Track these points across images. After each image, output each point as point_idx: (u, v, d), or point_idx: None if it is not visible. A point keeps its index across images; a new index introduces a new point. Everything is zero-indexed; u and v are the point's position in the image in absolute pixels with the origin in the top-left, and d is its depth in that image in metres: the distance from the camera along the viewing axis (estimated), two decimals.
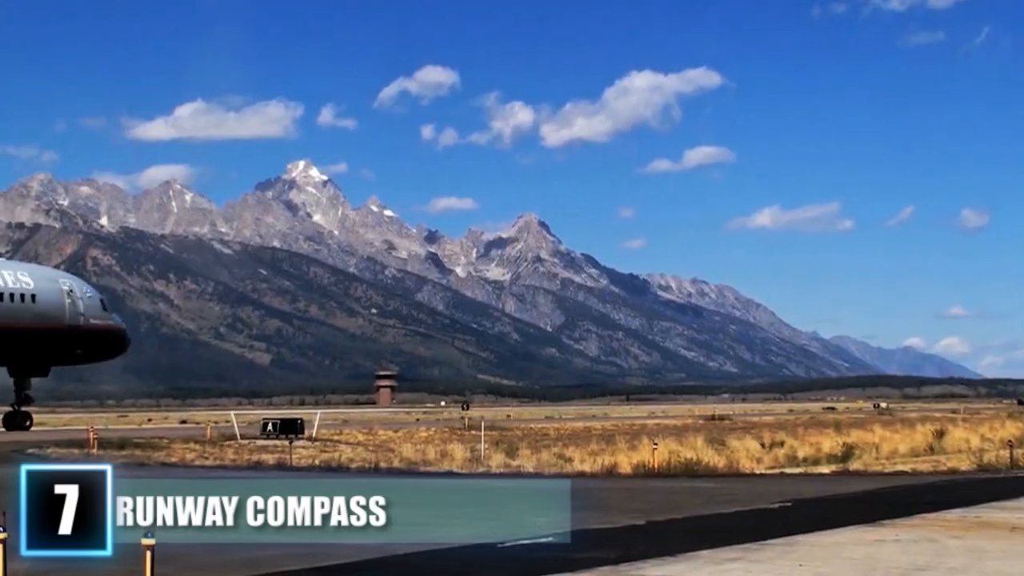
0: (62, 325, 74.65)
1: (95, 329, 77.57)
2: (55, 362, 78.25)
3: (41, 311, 73.33)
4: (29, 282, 74.18)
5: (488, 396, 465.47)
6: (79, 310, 75.83)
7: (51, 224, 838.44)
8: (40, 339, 73.83)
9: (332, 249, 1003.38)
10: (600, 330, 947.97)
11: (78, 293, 76.82)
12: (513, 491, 35.34)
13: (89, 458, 48.74)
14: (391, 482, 38.75)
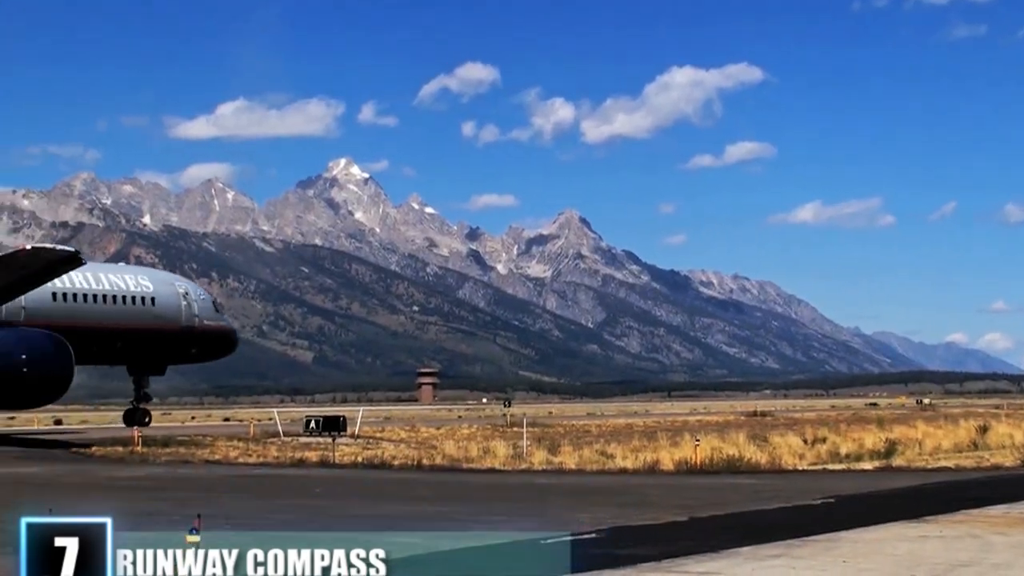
0: (178, 326, 78.07)
1: (208, 330, 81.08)
2: (171, 361, 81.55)
3: (159, 313, 76.73)
4: (148, 285, 77.74)
5: (530, 393, 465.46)
6: (194, 312, 79.28)
7: (94, 223, 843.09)
8: (158, 339, 77.24)
9: (373, 247, 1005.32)
10: (641, 326, 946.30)
11: (193, 296, 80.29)
12: (556, 488, 35.46)
13: (134, 456, 49.07)
14: (432, 478, 38.89)
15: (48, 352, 63.11)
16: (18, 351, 62.08)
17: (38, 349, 62.90)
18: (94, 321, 71.56)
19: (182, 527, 19.12)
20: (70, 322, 68.24)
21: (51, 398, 67.21)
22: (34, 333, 64.26)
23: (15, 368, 61.54)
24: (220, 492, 34.32)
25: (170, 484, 37.04)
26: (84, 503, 29.64)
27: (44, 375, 63.07)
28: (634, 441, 54.92)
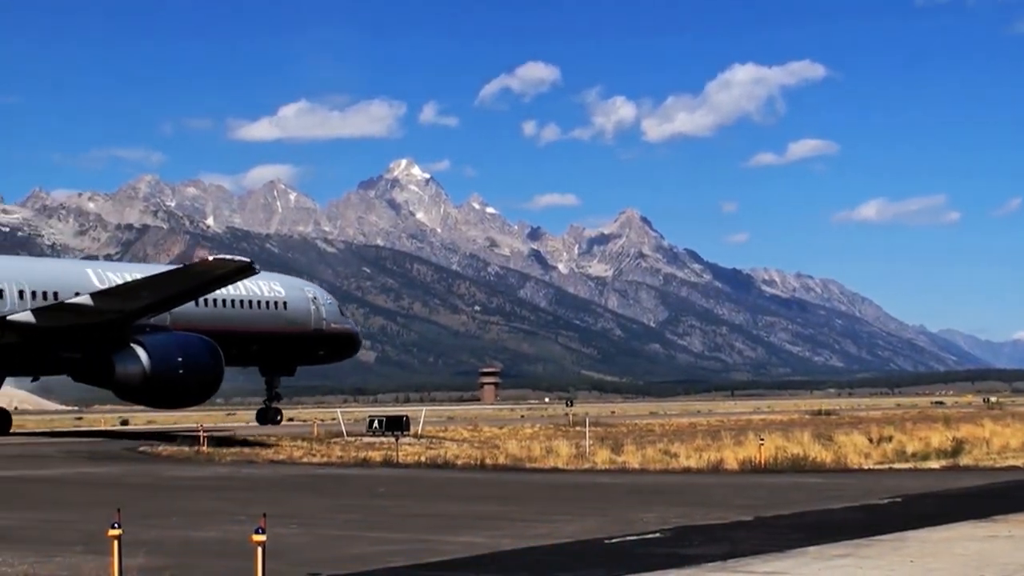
0: (308, 329, 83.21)
1: (335, 332, 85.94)
2: (301, 362, 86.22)
3: (291, 317, 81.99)
4: (281, 291, 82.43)
5: (592, 392, 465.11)
6: (322, 315, 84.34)
7: (159, 225, 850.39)
8: (290, 342, 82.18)
9: (435, 247, 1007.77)
10: (704, 325, 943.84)
11: (320, 300, 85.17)
12: (619, 487, 35.37)
13: (200, 456, 49.39)
14: (495, 477, 38.91)
15: (202, 355, 68.12)
16: (176, 354, 66.95)
17: (193, 352, 67.77)
18: (233, 325, 76.14)
19: (248, 526, 19.23)
20: (211, 326, 72.76)
21: (204, 398, 73.55)
22: (190, 337, 68.85)
23: (173, 370, 66.52)
24: (285, 492, 34.46)
25: (235, 484, 37.24)
26: (151, 503, 29.87)
27: (199, 376, 68.26)
28: (698, 440, 54.70)
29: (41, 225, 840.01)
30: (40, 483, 37.63)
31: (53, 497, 32.89)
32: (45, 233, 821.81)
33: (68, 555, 20.14)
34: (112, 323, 66.36)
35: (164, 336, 68.47)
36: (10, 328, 66.42)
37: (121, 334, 67.06)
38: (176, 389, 68.27)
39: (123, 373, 66.46)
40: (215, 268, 64.07)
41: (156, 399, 70.83)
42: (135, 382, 66.77)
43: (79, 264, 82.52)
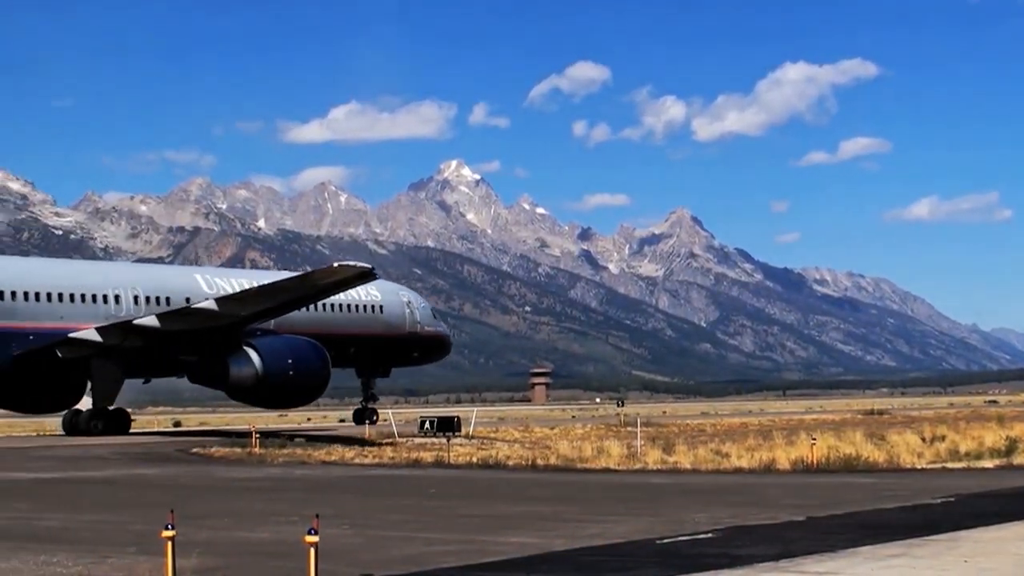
0: (403, 332, 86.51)
1: (428, 335, 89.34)
2: (396, 364, 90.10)
3: (387, 320, 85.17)
4: (377, 295, 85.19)
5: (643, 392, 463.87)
6: (416, 319, 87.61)
7: (210, 227, 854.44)
8: (386, 344, 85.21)
9: (485, 247, 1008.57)
10: (755, 325, 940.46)
11: (415, 304, 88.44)
12: (671, 487, 35.31)
13: (252, 457, 49.61)
14: (546, 478, 38.91)
15: (311, 358, 71.70)
16: (286, 357, 70.53)
17: (303, 355, 71.34)
18: (333, 328, 78.68)
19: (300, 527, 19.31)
20: (313, 329, 75.50)
21: (312, 398, 77.50)
22: (299, 341, 72.30)
23: (284, 372, 70.10)
24: (337, 492, 34.58)
25: (287, 485, 37.39)
26: (204, 504, 30.03)
27: (308, 378, 71.91)
28: (749, 440, 54.53)
29: (94, 228, 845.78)
30: (94, 484, 37.89)
31: (107, 498, 33.12)
32: (98, 236, 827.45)
33: (122, 556, 20.28)
34: (229, 327, 69.71)
35: (275, 339, 72.21)
36: (136, 332, 69.03)
37: (235, 338, 70.50)
38: (287, 390, 72.19)
39: (237, 375, 70.05)
40: (338, 274, 68.47)
41: (267, 400, 75.11)
42: (248, 384, 70.51)
43: (188, 270, 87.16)
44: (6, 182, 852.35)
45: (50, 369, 70.28)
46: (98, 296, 72.37)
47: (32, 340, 68.67)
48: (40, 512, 28.59)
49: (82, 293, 71.98)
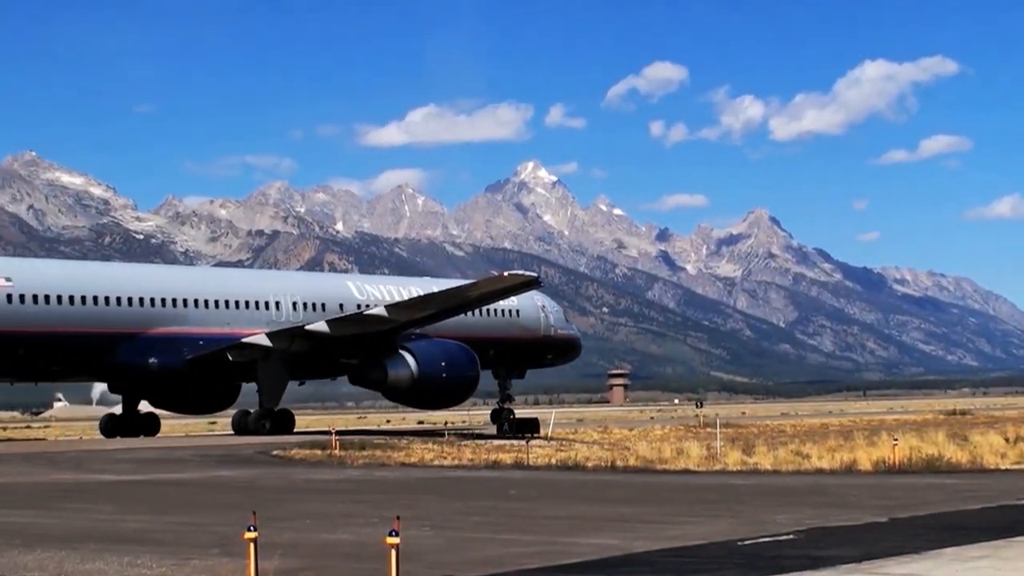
0: (538, 335, 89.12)
1: (561, 338, 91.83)
2: (531, 366, 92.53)
3: (523, 324, 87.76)
4: (514, 300, 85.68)
5: (721, 393, 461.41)
6: (550, 322, 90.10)
7: (289, 230, 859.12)
8: (522, 347, 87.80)
9: (562, 249, 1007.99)
10: (834, 325, 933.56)
11: (549, 308, 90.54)
12: (751, 488, 35.12)
13: (332, 459, 49.83)
14: (626, 479, 38.83)
15: (463, 361, 75.29)
16: (440, 360, 74.08)
17: (455, 358, 74.98)
18: (473, 332, 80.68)
19: (381, 529, 19.37)
20: (456, 333, 78.30)
21: (463, 400, 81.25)
22: (451, 344, 75.90)
23: (438, 374, 73.75)
24: (417, 494, 34.68)
25: (367, 487, 37.54)
26: (285, 505, 30.22)
27: (460, 380, 75.74)
28: (830, 441, 54.21)
29: (174, 232, 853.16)
30: (176, 486, 38.22)
31: (189, 500, 33.40)
32: (178, 240, 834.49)
33: (205, 558, 20.44)
34: (388, 331, 73.64)
35: (429, 343, 75.46)
36: (305, 336, 72.82)
37: (391, 342, 74.12)
38: (440, 392, 75.93)
39: (394, 378, 73.40)
40: (505, 282, 73.50)
41: (422, 401, 78.83)
42: (404, 386, 73.87)
43: (341, 278, 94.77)
44: (88, 187, 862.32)
45: (219, 372, 74.06)
46: (260, 303, 76.77)
47: (202, 344, 72.57)
48: (124, 514, 28.88)
49: (246, 300, 76.37)
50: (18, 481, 40.09)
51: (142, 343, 71.14)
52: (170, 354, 71.65)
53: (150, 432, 76.74)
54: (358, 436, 62.47)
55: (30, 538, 23.35)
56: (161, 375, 72.55)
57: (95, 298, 70.10)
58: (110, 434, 76.60)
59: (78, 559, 20.36)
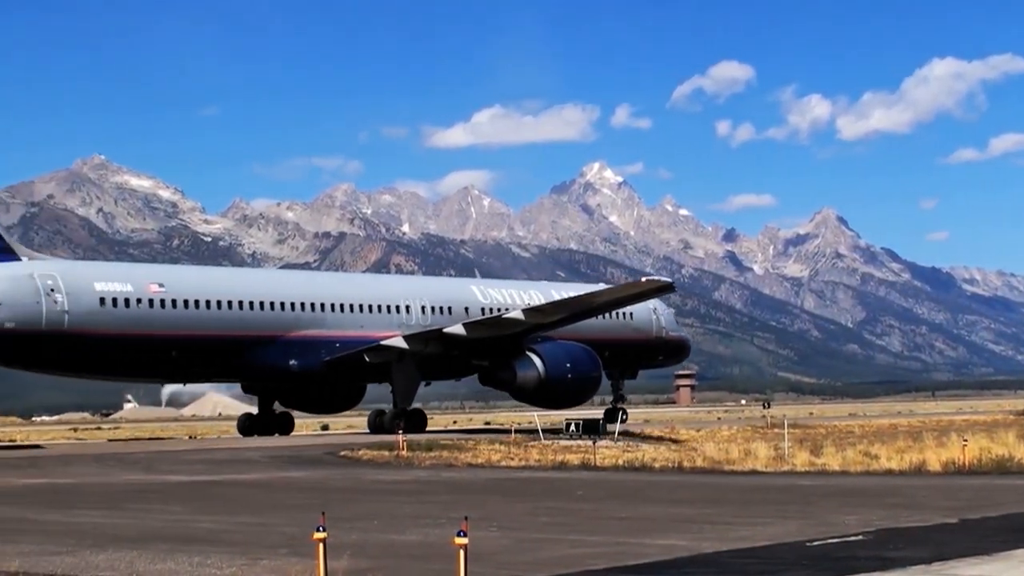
0: (651, 337, 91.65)
1: (672, 339, 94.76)
2: (643, 366, 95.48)
3: (637, 326, 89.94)
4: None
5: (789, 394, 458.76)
6: (661, 324, 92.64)
7: (355, 232, 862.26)
8: (636, 348, 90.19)
9: (628, 249, 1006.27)
10: (903, 325, 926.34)
11: (660, 310, 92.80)
12: (820, 489, 34.95)
13: (399, 460, 50.00)
14: (693, 480, 38.74)
15: (587, 362, 78.14)
16: (565, 361, 77.09)
17: (579, 360, 77.79)
18: (591, 334, 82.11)
19: (448, 529, 19.43)
20: (574, 335, 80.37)
21: (586, 399, 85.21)
22: (575, 346, 78.58)
23: (564, 375, 76.78)
24: (484, 495, 34.74)
25: (434, 487, 37.64)
26: (353, 506, 30.35)
27: (584, 381, 78.87)
28: (899, 442, 53.83)
29: (242, 234, 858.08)
30: (245, 487, 38.47)
31: (258, 501, 33.61)
32: (245, 242, 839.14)
33: (274, 558, 20.58)
34: (519, 334, 76.86)
35: (554, 345, 78.11)
36: (442, 339, 75.97)
37: (520, 344, 77.31)
38: (566, 392, 79.11)
39: (523, 378, 76.58)
40: (641, 288, 78.72)
41: (548, 401, 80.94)
42: (532, 386, 77.04)
43: (465, 282, 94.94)
44: (157, 190, 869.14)
45: (354, 373, 77.45)
46: (391, 307, 79.69)
47: (338, 347, 75.38)
48: (194, 514, 29.12)
49: (378, 304, 79.33)
50: (90, 482, 40.52)
51: (283, 346, 74.16)
52: (309, 356, 74.69)
53: (284, 431, 79.19)
54: (425, 437, 62.59)
55: (101, 538, 23.62)
56: (300, 376, 75.35)
57: (240, 303, 73.31)
58: (247, 432, 79.08)
59: (149, 559, 20.57)
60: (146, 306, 68.34)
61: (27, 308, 63.50)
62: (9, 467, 48.04)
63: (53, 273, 65.95)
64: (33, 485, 39.44)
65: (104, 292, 66.86)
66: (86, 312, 65.37)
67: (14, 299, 63.19)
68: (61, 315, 64.35)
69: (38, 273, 64.87)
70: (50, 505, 32.16)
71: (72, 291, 65.18)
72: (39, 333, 63.93)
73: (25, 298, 63.61)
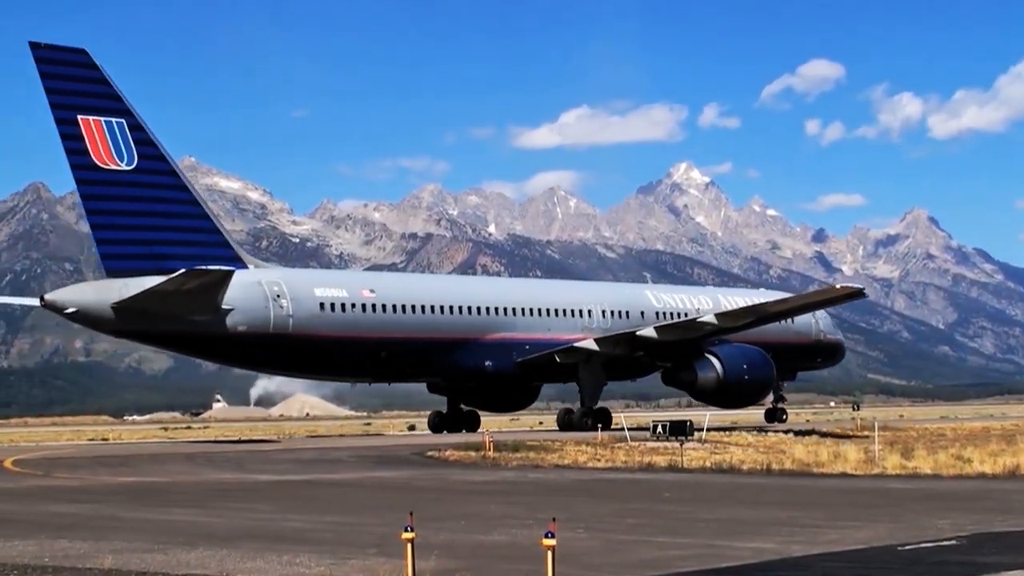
0: (810, 340, 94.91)
1: (829, 342, 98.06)
2: (802, 368, 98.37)
3: (797, 329, 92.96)
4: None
5: (878, 396, 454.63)
6: (820, 328, 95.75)
7: (442, 233, 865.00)
8: (796, 351, 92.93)
9: (715, 250, 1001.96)
10: (995, 327, 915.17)
11: (819, 314, 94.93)
12: (911, 493, 34.56)
13: (486, 460, 50.03)
14: (781, 482, 38.45)
15: (761, 364, 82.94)
16: (741, 363, 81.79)
17: (754, 361, 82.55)
18: (757, 336, 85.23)
19: (536, 530, 19.40)
20: (741, 337, 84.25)
21: (759, 399, 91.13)
22: (750, 349, 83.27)
23: (740, 376, 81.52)
24: (571, 496, 34.68)
25: (521, 488, 37.62)
26: (441, 506, 30.39)
27: (759, 382, 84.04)
28: (992, 445, 53.19)
29: (329, 235, 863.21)
30: (333, 486, 38.65)
31: (346, 500, 33.75)
32: (333, 243, 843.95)
33: (362, 557, 20.65)
34: (702, 337, 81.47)
35: (731, 348, 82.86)
36: (632, 341, 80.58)
37: (700, 346, 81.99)
38: (742, 393, 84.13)
39: (703, 379, 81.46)
40: (834, 294, 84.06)
41: (726, 401, 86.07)
42: (711, 387, 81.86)
43: (639, 287, 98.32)
44: (246, 191, 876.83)
45: (544, 373, 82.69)
46: (575, 311, 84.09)
47: (528, 349, 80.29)
48: (283, 513, 29.28)
49: (563, 308, 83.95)
50: (181, 480, 40.91)
51: (479, 347, 78.87)
52: (503, 357, 79.47)
53: (472, 427, 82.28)
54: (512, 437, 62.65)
55: (193, 536, 23.82)
56: (494, 376, 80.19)
57: (442, 307, 78.29)
58: (437, 429, 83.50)
59: (239, 557, 20.72)
60: (359, 310, 73.36)
61: (257, 313, 68.27)
62: (101, 465, 48.65)
63: (279, 280, 71.09)
64: (126, 483, 39.86)
65: (323, 297, 72.04)
66: (308, 316, 70.34)
67: (246, 305, 67.52)
68: (286, 319, 69.20)
69: (265, 280, 69.71)
70: (142, 503, 32.50)
71: (296, 297, 70.18)
72: (267, 335, 68.81)
73: (255, 304, 68.28)
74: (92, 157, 63.16)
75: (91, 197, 64.45)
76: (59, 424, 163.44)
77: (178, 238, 65.34)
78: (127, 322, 65.51)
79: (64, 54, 63.79)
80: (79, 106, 63.06)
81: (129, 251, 64.70)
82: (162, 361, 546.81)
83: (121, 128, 63.92)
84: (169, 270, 62.52)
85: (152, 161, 65.15)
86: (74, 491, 37.05)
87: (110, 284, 64.67)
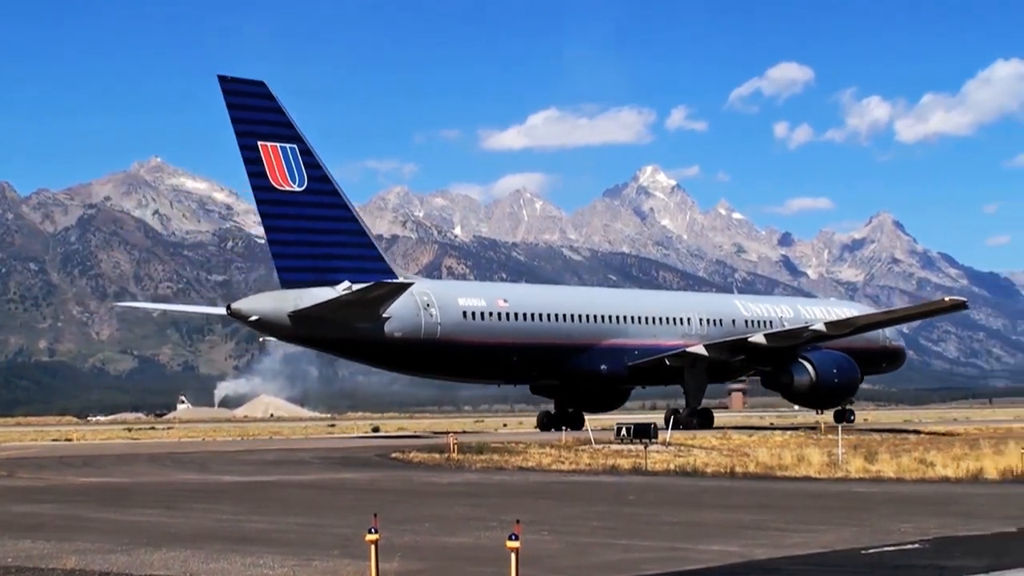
0: (877, 346, 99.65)
1: (893, 348, 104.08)
2: (869, 372, 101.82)
3: (867, 336, 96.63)
4: (855, 313, 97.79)
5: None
6: (886, 334, 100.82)
7: (408, 235, 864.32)
8: (865, 355, 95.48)
9: (681, 253, 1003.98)
10: (959, 331, 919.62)
11: None
12: (874, 496, 34.66)
13: (450, 463, 49.99)
14: (745, 485, 38.51)
15: (848, 367, 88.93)
16: (831, 367, 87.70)
17: (842, 366, 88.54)
18: (834, 342, 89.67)
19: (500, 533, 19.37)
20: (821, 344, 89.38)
21: (846, 400, 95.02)
22: (838, 354, 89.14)
23: (831, 379, 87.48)
24: (535, 498, 34.66)
25: (485, 490, 37.58)
26: (405, 508, 30.33)
27: (847, 384, 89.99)
28: (955, 449, 53.36)
29: None
30: (297, 488, 38.55)
31: (310, 502, 33.66)
32: None
33: (326, 559, 20.61)
34: (800, 343, 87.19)
35: (822, 353, 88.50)
36: (739, 347, 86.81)
37: (795, 352, 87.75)
38: (832, 395, 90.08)
39: (798, 383, 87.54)
40: (938, 306, 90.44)
41: (816, 402, 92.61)
42: (804, 389, 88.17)
43: (729, 298, 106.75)
44: (212, 192, 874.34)
45: (652, 376, 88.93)
46: (676, 319, 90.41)
47: (637, 354, 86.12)
48: (247, 514, 29.20)
49: (666, 316, 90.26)
50: (146, 481, 40.75)
51: (596, 352, 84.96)
52: (616, 361, 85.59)
53: (577, 426, 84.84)
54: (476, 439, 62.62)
55: (157, 537, 23.74)
56: (608, 378, 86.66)
57: (564, 316, 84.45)
58: (545, 427, 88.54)
59: (202, 558, 20.66)
60: (495, 318, 79.63)
61: (410, 320, 74.05)
62: (65, 466, 48.47)
63: (427, 291, 77.57)
64: (90, 484, 39.69)
65: (466, 306, 78.31)
66: (453, 323, 76.36)
67: (401, 313, 73.08)
68: (435, 326, 75.20)
69: (416, 291, 75.03)
70: (106, 504, 32.37)
71: (443, 305, 76.32)
72: (419, 341, 74.63)
73: (408, 312, 73.90)
74: (269, 179, 69.61)
75: (269, 216, 70.33)
76: (23, 424, 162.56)
77: (341, 252, 71.38)
78: (301, 329, 71.00)
79: (246, 86, 70.53)
80: (259, 133, 69.68)
81: (301, 264, 70.16)
82: (126, 362, 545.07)
83: (294, 152, 70.15)
84: (333, 282, 69.61)
85: (319, 183, 71.05)
86: (38, 491, 36.92)
87: (285, 295, 70.40)
